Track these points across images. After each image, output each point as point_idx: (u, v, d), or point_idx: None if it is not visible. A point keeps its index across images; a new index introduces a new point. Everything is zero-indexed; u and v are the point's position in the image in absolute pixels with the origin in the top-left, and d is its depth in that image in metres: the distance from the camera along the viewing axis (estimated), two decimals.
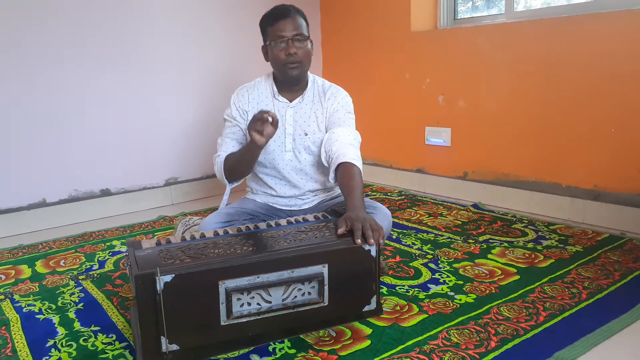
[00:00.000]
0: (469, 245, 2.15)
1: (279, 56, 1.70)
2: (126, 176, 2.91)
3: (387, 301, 1.66)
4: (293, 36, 1.68)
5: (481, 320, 1.53)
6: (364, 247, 1.35)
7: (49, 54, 2.57)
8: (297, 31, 1.69)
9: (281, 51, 1.69)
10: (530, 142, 2.60)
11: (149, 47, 2.90)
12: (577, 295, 1.66)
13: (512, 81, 2.64)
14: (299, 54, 1.69)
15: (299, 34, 1.69)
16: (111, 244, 2.36)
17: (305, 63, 1.74)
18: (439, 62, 2.96)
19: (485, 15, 2.98)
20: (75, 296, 1.81)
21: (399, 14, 3.11)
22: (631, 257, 1.96)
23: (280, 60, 1.71)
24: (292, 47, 1.68)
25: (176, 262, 1.24)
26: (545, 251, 2.05)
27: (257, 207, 1.86)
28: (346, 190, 1.55)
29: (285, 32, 1.68)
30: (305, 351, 1.39)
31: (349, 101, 1.84)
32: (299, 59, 1.70)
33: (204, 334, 1.26)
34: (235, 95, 1.84)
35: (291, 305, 1.32)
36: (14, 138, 2.53)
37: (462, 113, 2.88)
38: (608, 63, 2.27)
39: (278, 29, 1.68)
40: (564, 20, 2.43)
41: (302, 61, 1.72)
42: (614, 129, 2.29)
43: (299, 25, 1.70)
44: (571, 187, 2.47)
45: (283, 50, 1.69)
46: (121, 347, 1.46)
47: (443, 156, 3.02)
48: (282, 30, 1.68)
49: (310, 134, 1.80)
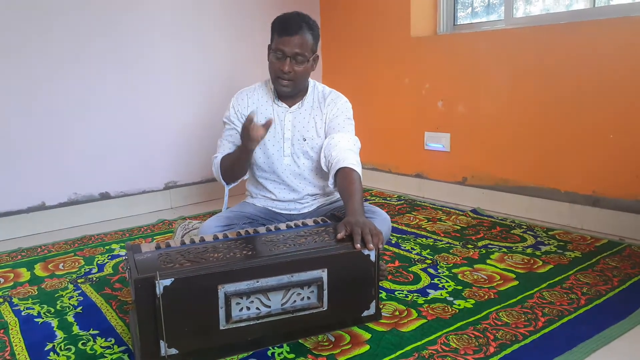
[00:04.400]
0: (468, 251, 2.15)
1: (274, 67, 1.71)
2: (125, 180, 2.91)
3: (386, 306, 1.66)
4: (293, 55, 1.67)
5: (480, 325, 1.53)
6: (364, 252, 1.35)
7: (50, 58, 2.58)
8: (299, 50, 1.66)
9: (277, 64, 1.69)
10: (529, 148, 2.61)
11: (149, 51, 2.91)
12: (576, 301, 1.67)
13: (511, 87, 2.65)
14: (292, 73, 1.69)
15: (299, 54, 1.67)
16: (110, 248, 2.36)
17: (299, 82, 1.73)
18: (439, 68, 2.97)
19: (484, 21, 3.00)
20: (74, 300, 1.81)
21: (399, 20, 3.12)
22: (630, 263, 1.96)
23: (273, 72, 1.72)
24: (288, 65, 1.67)
25: (175, 266, 1.24)
26: (544, 257, 2.05)
27: (257, 211, 1.86)
28: (346, 195, 1.56)
29: (287, 48, 1.66)
30: (304, 356, 1.39)
31: (348, 107, 1.84)
32: (292, 77, 1.70)
33: (203, 338, 1.26)
34: (235, 99, 1.85)
35: (290, 310, 1.32)
36: (14, 141, 2.53)
37: (461, 118, 2.89)
38: (606, 69, 2.28)
39: (281, 42, 1.67)
40: (563, 27, 2.44)
41: (295, 80, 1.71)
42: (613, 135, 2.29)
43: (303, 44, 1.67)
44: (570, 193, 2.47)
45: (279, 64, 1.69)
46: (120, 350, 1.46)
47: (442, 161, 3.02)
48: (284, 46, 1.66)
49: (308, 140, 1.80)
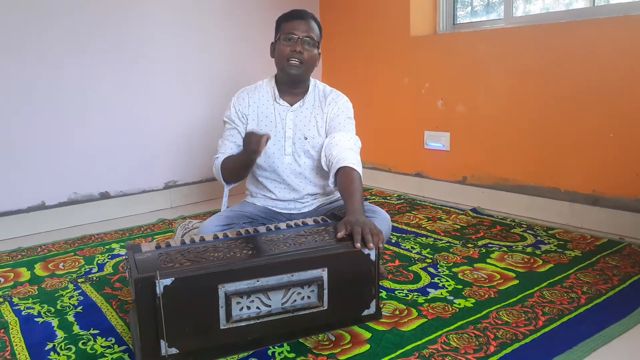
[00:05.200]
0: (468, 250, 2.15)
1: (284, 51, 1.72)
2: (125, 179, 2.91)
3: (387, 305, 1.66)
4: (304, 37, 1.71)
5: (480, 324, 1.53)
6: (364, 251, 1.35)
7: (50, 58, 2.58)
8: (309, 34, 1.72)
9: (287, 46, 1.72)
10: (529, 147, 2.61)
11: (149, 51, 2.91)
12: (576, 300, 1.67)
13: (511, 86, 2.65)
14: (304, 54, 1.72)
15: (309, 37, 1.72)
16: (110, 247, 2.36)
17: (308, 66, 1.75)
18: (438, 67, 2.97)
19: (484, 20, 3.00)
20: (74, 299, 1.81)
21: (399, 19, 3.12)
22: (630, 262, 1.96)
23: (284, 55, 1.72)
24: (300, 46, 1.71)
25: (176, 265, 1.24)
26: (544, 256, 2.05)
27: (257, 210, 1.86)
28: (346, 194, 1.56)
29: (298, 31, 1.71)
30: (305, 355, 1.39)
31: (349, 106, 1.85)
32: (303, 58, 1.72)
33: (203, 337, 1.26)
34: (236, 98, 1.84)
35: (290, 309, 1.32)
36: (13, 141, 2.53)
37: (461, 117, 2.89)
38: (606, 68, 2.28)
39: (292, 26, 1.72)
40: (563, 26, 2.44)
41: (305, 62, 1.73)
42: (613, 134, 2.30)
43: (312, 29, 1.74)
44: (570, 192, 2.47)
45: (289, 46, 1.71)
46: (120, 350, 1.46)
47: (442, 160, 3.02)
48: (295, 29, 1.72)
49: (310, 138, 1.80)
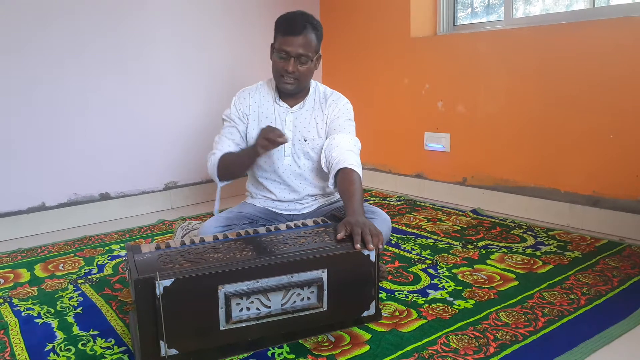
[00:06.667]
0: (467, 251, 2.15)
1: (277, 67, 1.72)
2: (125, 180, 2.91)
3: (386, 306, 1.66)
4: (297, 55, 1.67)
5: (480, 325, 1.53)
6: (364, 252, 1.35)
7: (49, 58, 2.58)
8: (303, 51, 1.67)
9: (280, 64, 1.70)
10: (529, 148, 2.61)
11: (149, 52, 2.91)
12: (576, 301, 1.67)
13: (511, 87, 2.65)
14: (296, 73, 1.70)
15: (303, 55, 1.68)
16: (110, 248, 2.36)
17: (303, 80, 1.74)
18: (438, 68, 2.97)
19: (484, 21, 3.00)
20: (74, 300, 1.81)
21: (399, 20, 3.12)
22: (630, 263, 1.96)
23: (277, 70, 1.72)
24: (291, 65, 1.68)
25: (175, 266, 1.24)
26: (544, 257, 2.05)
27: (257, 211, 1.86)
28: (346, 195, 1.56)
29: (291, 49, 1.66)
30: (304, 356, 1.39)
31: (349, 108, 1.85)
32: (296, 77, 1.71)
33: (203, 338, 1.26)
34: (237, 98, 1.85)
35: (290, 310, 1.32)
36: (13, 141, 2.53)
37: (461, 118, 2.89)
38: (606, 69, 2.28)
39: (285, 42, 1.67)
40: (563, 27, 2.44)
41: (299, 78, 1.72)
42: (613, 135, 2.30)
43: (307, 44, 1.68)
44: (570, 193, 2.47)
45: (282, 64, 1.69)
46: (120, 351, 1.46)
47: (442, 161, 3.02)
48: (288, 46, 1.67)
49: (309, 140, 1.80)
